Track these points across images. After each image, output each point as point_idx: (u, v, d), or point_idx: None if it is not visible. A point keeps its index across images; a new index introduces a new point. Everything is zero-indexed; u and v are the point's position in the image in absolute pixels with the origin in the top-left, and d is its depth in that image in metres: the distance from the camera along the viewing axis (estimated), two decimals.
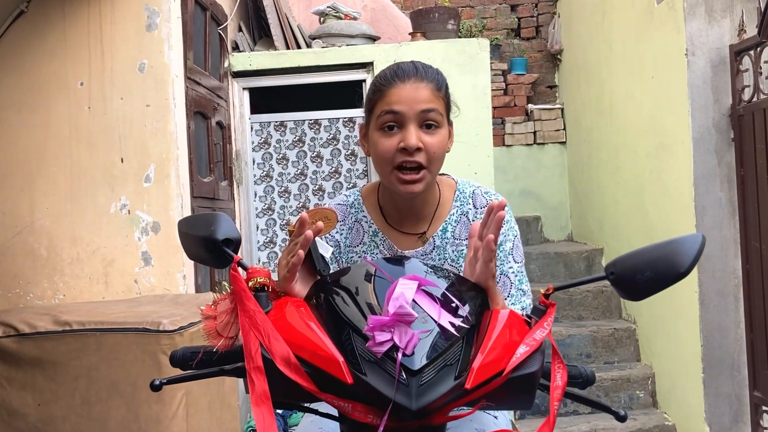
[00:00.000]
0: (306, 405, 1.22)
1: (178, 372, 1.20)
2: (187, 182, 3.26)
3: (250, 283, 1.13)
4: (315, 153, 4.24)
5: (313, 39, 4.51)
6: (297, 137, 4.25)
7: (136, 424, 2.45)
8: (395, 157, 1.42)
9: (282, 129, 4.24)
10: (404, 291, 1.03)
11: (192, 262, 3.26)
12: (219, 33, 3.96)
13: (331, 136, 4.23)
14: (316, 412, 1.22)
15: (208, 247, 1.19)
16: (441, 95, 1.46)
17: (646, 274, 1.08)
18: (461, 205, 1.56)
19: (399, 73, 1.44)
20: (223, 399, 2.88)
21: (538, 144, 6.29)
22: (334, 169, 4.23)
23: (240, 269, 1.15)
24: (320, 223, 1.19)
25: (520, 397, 1.11)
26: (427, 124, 1.42)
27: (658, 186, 4.08)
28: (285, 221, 4.23)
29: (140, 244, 3.13)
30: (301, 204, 4.24)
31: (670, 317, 4.00)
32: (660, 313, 4.15)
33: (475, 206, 1.56)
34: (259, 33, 4.49)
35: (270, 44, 4.29)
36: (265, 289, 1.15)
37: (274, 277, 1.20)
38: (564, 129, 6.23)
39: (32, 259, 3.15)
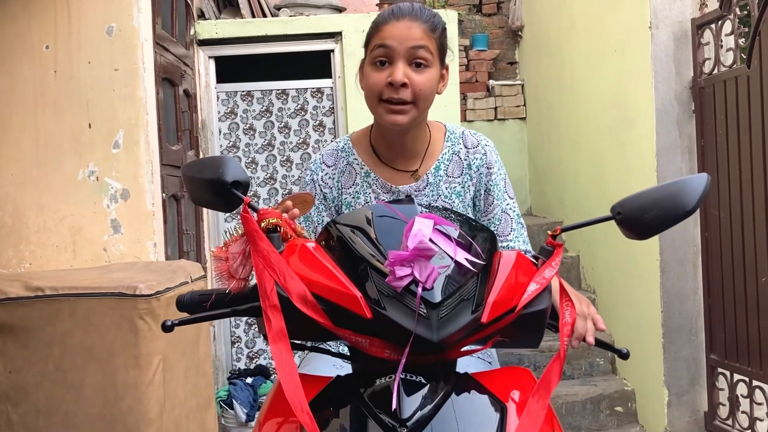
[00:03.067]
0: (317, 345, 1.23)
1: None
2: (157, 149, 3.20)
3: (262, 224, 1.13)
4: (282, 123, 4.20)
5: (279, 9, 4.46)
6: (264, 107, 4.20)
7: (113, 390, 2.42)
8: (382, 92, 1.46)
9: (249, 99, 4.20)
10: (422, 228, 1.05)
11: (161, 230, 3.21)
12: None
13: (299, 106, 4.20)
14: (327, 351, 1.23)
15: (217, 190, 1.18)
16: (434, 36, 1.48)
17: (653, 213, 1.12)
18: (452, 144, 1.63)
19: (396, 11, 1.49)
20: (198, 366, 2.86)
21: (499, 120, 6.36)
22: (302, 140, 4.21)
23: (251, 210, 1.14)
24: (296, 210, 1.29)
25: (530, 334, 1.14)
26: (416, 62, 1.46)
27: (620, 158, 4.17)
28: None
29: (109, 211, 3.08)
30: (268, 175, 4.21)
31: (630, 286, 4.11)
32: (620, 282, 4.26)
33: (465, 146, 1.63)
34: (224, 1, 4.42)
35: (236, 12, 4.23)
36: (278, 230, 1.15)
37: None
38: (524, 105, 6.31)
39: None
